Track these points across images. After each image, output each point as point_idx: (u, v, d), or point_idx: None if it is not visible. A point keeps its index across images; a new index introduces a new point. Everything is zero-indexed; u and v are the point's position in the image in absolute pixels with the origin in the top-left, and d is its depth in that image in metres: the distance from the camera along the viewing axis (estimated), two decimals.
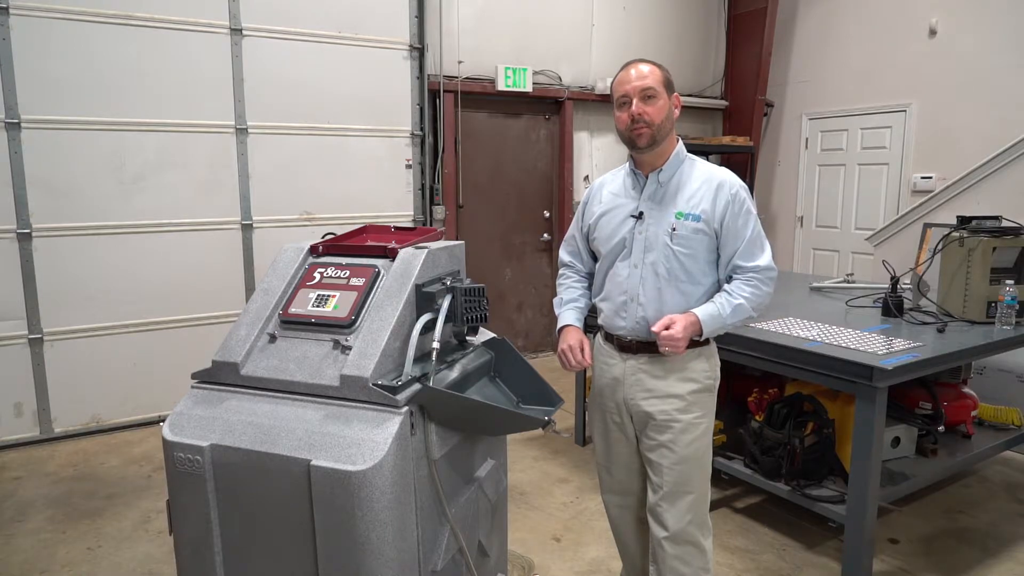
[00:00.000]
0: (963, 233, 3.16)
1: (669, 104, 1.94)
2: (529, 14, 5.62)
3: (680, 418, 1.98)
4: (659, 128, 1.91)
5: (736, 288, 1.94)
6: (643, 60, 1.97)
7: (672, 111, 1.95)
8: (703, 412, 2.02)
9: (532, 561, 2.81)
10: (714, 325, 1.92)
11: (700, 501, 2.04)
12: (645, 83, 1.90)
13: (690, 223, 1.94)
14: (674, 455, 1.99)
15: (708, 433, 2.05)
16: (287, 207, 4.70)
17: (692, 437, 1.99)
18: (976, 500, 3.36)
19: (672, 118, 1.95)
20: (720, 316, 1.92)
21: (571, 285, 2.24)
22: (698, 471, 2.03)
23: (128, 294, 4.25)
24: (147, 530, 3.08)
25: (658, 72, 1.94)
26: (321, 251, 1.99)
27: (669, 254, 1.95)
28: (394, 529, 1.57)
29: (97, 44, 4.01)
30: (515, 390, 1.96)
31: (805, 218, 6.60)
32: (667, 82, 1.94)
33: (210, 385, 1.79)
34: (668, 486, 2.00)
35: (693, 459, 2.01)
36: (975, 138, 5.06)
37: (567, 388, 4.26)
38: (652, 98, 1.90)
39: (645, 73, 1.92)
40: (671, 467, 1.99)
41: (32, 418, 4.07)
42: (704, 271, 1.97)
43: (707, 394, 2.04)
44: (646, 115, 1.90)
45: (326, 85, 4.71)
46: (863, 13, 5.89)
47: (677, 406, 1.99)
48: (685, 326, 1.88)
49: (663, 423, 1.99)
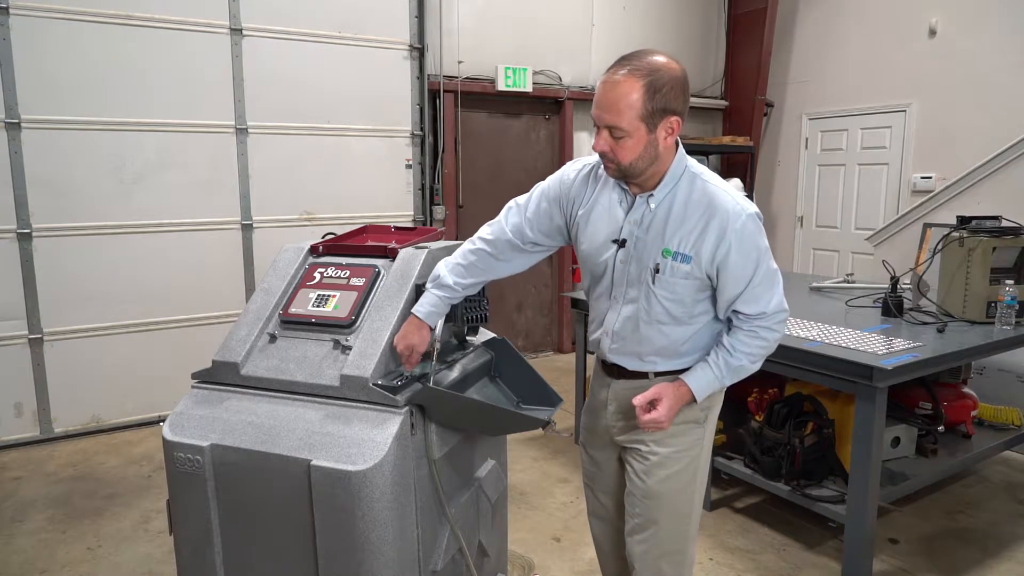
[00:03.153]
0: (963, 233, 3.16)
1: (650, 139, 1.54)
2: (529, 14, 5.62)
3: (657, 450, 1.74)
4: (628, 167, 1.57)
5: (738, 344, 1.66)
6: (633, 70, 1.50)
7: (658, 143, 1.55)
8: (684, 447, 1.75)
9: (532, 561, 2.81)
10: (708, 391, 1.69)
11: (671, 542, 1.79)
12: (613, 120, 1.52)
13: (679, 264, 1.61)
14: (644, 487, 1.76)
15: (690, 472, 1.77)
16: (287, 207, 4.70)
17: (667, 473, 1.75)
18: (976, 500, 3.36)
19: (654, 151, 1.56)
20: (717, 381, 1.68)
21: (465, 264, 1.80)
22: (668, 510, 1.77)
23: (128, 294, 4.24)
24: (147, 530, 3.08)
25: (639, 102, 1.49)
26: (321, 251, 1.99)
27: (651, 296, 1.65)
28: (394, 529, 1.57)
29: (97, 44, 4.01)
30: (515, 390, 1.96)
31: (805, 218, 6.60)
32: (650, 114, 1.50)
33: (210, 385, 1.79)
34: (637, 519, 1.80)
35: (664, 496, 1.76)
36: (975, 138, 5.05)
37: (567, 388, 4.26)
38: (621, 138, 1.53)
39: (619, 104, 1.50)
40: (641, 500, 1.78)
41: (32, 418, 4.07)
42: (691, 313, 1.68)
43: (693, 427, 1.76)
44: (611, 153, 1.56)
45: (326, 85, 4.71)
46: (863, 13, 5.89)
47: (654, 437, 1.74)
48: (671, 406, 1.64)
49: (638, 453, 1.78)
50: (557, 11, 5.76)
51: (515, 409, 1.92)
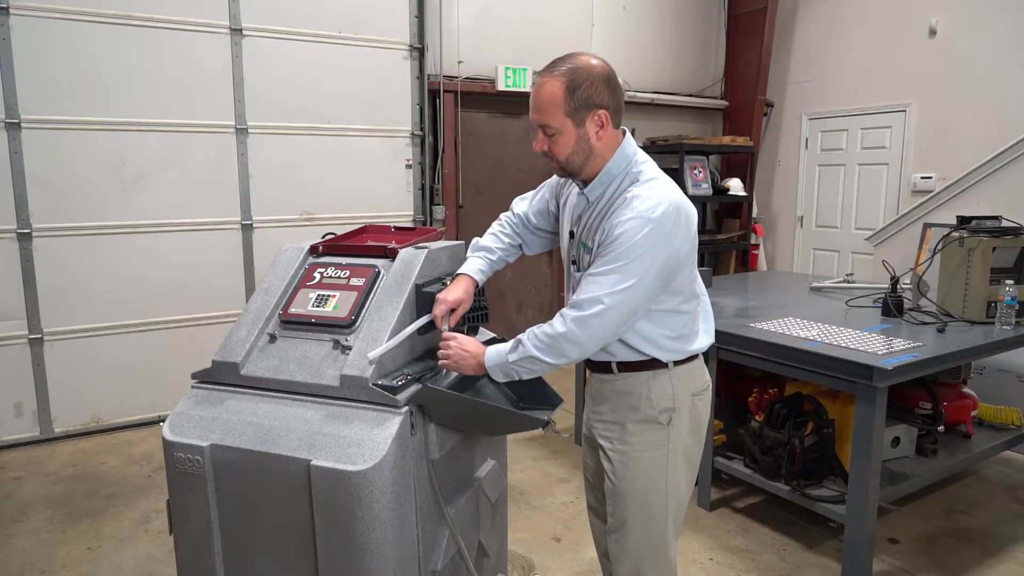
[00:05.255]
0: (963, 233, 3.16)
1: (580, 133, 1.60)
2: (529, 14, 5.62)
3: (619, 448, 1.77)
4: (566, 163, 1.65)
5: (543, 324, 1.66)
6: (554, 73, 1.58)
7: (589, 137, 1.61)
8: (647, 447, 1.74)
9: (532, 561, 2.81)
10: (496, 361, 1.68)
11: (643, 542, 1.79)
12: (541, 119, 1.61)
13: (584, 254, 1.69)
14: (611, 486, 1.80)
15: (658, 473, 1.75)
16: (287, 207, 4.70)
17: (630, 472, 1.75)
18: (976, 500, 3.36)
19: (587, 146, 1.62)
20: (500, 354, 1.68)
21: (497, 232, 1.97)
22: (635, 511, 1.77)
23: (128, 294, 4.24)
24: (147, 530, 3.08)
25: (560, 97, 1.57)
26: (321, 251, 1.99)
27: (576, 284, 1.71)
28: (394, 529, 1.57)
29: (97, 44, 4.01)
30: (515, 390, 1.96)
31: (805, 218, 6.60)
32: (575, 108, 1.58)
33: (210, 385, 1.79)
34: (611, 518, 1.83)
35: (630, 496, 1.76)
36: (975, 138, 5.06)
37: (567, 388, 4.25)
38: (552, 136, 1.62)
39: (544, 104, 1.59)
40: (611, 498, 1.81)
41: (32, 418, 4.07)
42: None
43: (654, 427, 1.74)
44: (548, 151, 1.65)
45: (326, 85, 4.71)
46: (863, 13, 5.89)
47: (615, 434, 1.78)
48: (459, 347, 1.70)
49: (604, 450, 1.81)
50: (557, 11, 5.76)
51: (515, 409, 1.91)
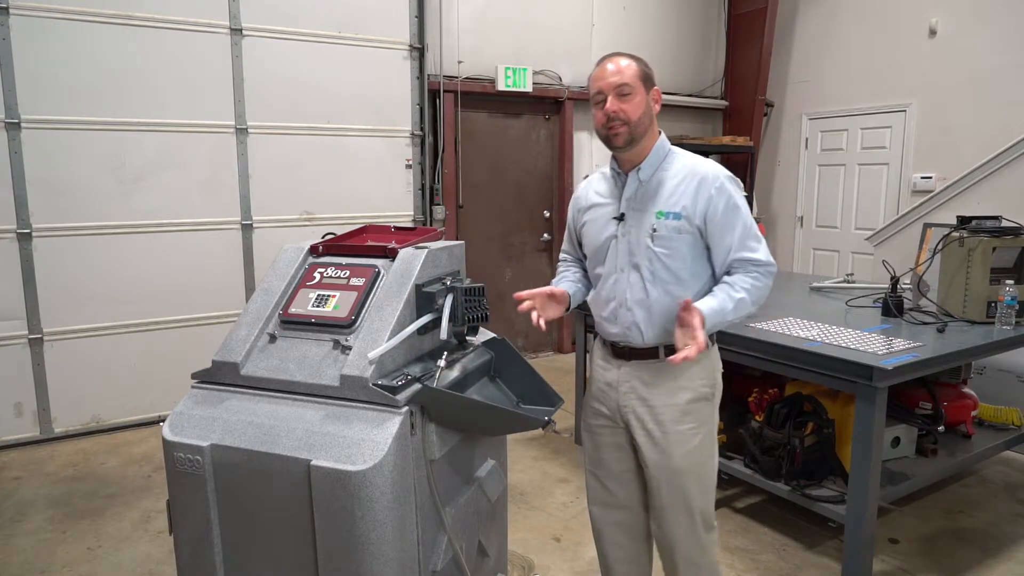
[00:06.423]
0: (963, 233, 3.16)
1: (647, 99, 1.83)
2: (529, 14, 5.62)
3: (673, 429, 1.89)
4: (636, 125, 1.81)
5: (738, 281, 1.82)
6: (620, 53, 1.86)
7: (651, 106, 1.85)
8: (698, 423, 1.91)
9: (532, 561, 2.81)
10: (715, 320, 1.77)
11: (706, 507, 1.94)
12: (620, 79, 1.80)
13: (671, 222, 1.83)
14: (669, 468, 1.90)
15: (707, 446, 1.93)
16: (287, 207, 4.70)
17: (685, 450, 1.89)
18: (976, 500, 3.36)
19: (651, 113, 1.85)
20: (723, 311, 1.77)
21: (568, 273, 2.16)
22: (695, 485, 1.91)
23: (128, 294, 4.24)
24: (147, 530, 3.08)
25: (635, 66, 1.82)
26: (321, 251, 1.99)
27: (652, 256, 1.84)
28: (394, 529, 1.57)
29: (97, 44, 4.01)
30: (515, 390, 1.96)
31: (805, 218, 6.60)
32: (645, 76, 1.83)
33: (210, 385, 1.79)
34: (664, 499, 1.92)
35: (688, 472, 1.90)
36: (975, 138, 5.05)
37: (567, 388, 4.25)
38: (628, 95, 1.80)
39: (621, 67, 1.81)
40: (667, 479, 1.90)
41: (32, 418, 4.07)
42: (692, 271, 1.86)
43: (704, 403, 1.92)
44: (622, 113, 1.79)
45: (326, 85, 4.71)
46: (863, 13, 5.89)
47: (670, 416, 1.89)
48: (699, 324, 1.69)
49: (656, 433, 1.90)
50: (557, 11, 5.76)
51: (515, 409, 1.91)
